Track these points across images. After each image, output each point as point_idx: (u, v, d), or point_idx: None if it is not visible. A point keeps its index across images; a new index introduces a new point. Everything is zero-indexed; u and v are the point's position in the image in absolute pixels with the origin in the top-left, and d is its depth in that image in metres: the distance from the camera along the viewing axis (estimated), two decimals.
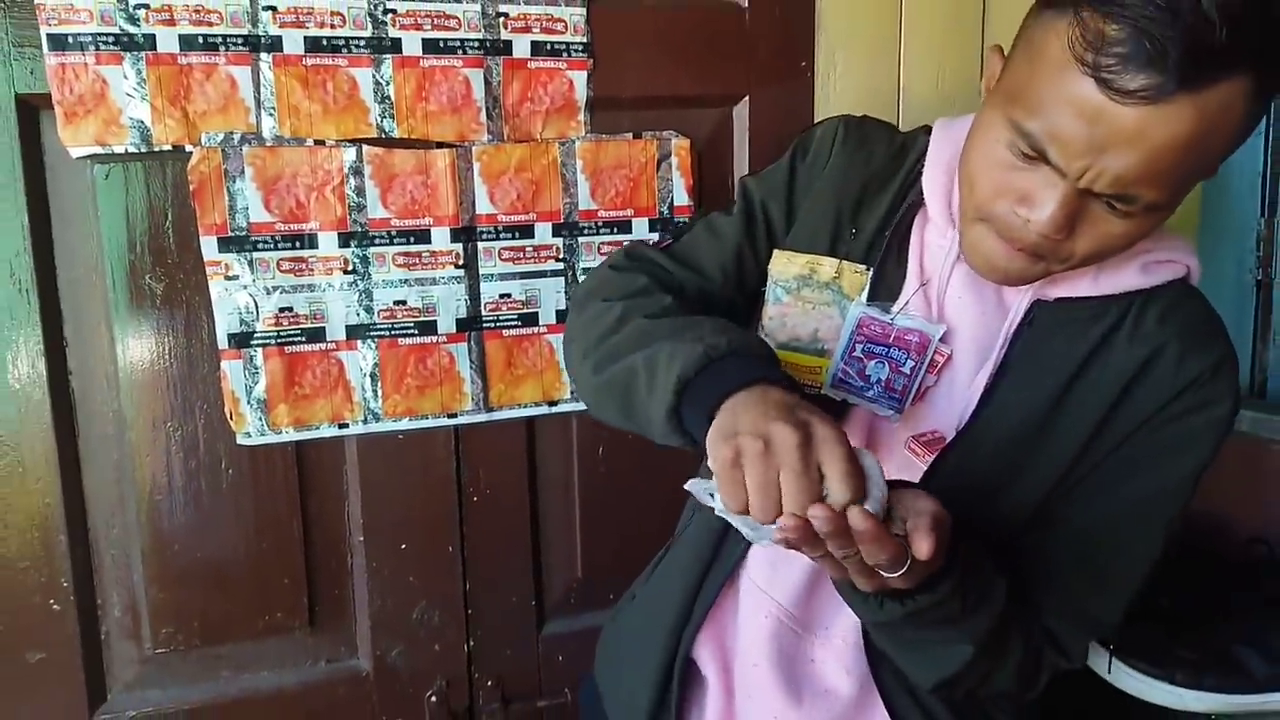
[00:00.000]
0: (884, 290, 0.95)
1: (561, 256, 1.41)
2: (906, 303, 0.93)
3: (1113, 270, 0.90)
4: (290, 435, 1.33)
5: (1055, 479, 0.91)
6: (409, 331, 1.35)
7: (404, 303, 1.34)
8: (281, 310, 1.30)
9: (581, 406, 1.46)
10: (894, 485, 0.73)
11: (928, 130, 0.99)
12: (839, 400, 0.96)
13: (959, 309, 0.93)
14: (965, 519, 0.80)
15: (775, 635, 1.00)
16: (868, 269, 0.96)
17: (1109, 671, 1.34)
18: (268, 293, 1.29)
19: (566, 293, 1.43)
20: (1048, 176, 0.77)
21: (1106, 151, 0.73)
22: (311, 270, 1.30)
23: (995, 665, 0.89)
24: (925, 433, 0.93)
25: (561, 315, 1.43)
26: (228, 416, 1.30)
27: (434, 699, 1.47)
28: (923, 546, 0.68)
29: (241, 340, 1.28)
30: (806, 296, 0.98)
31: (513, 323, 1.41)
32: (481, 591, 1.48)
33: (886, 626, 0.85)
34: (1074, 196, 0.77)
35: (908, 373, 0.92)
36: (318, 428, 1.34)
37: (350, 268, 1.31)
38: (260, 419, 1.31)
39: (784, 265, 1.00)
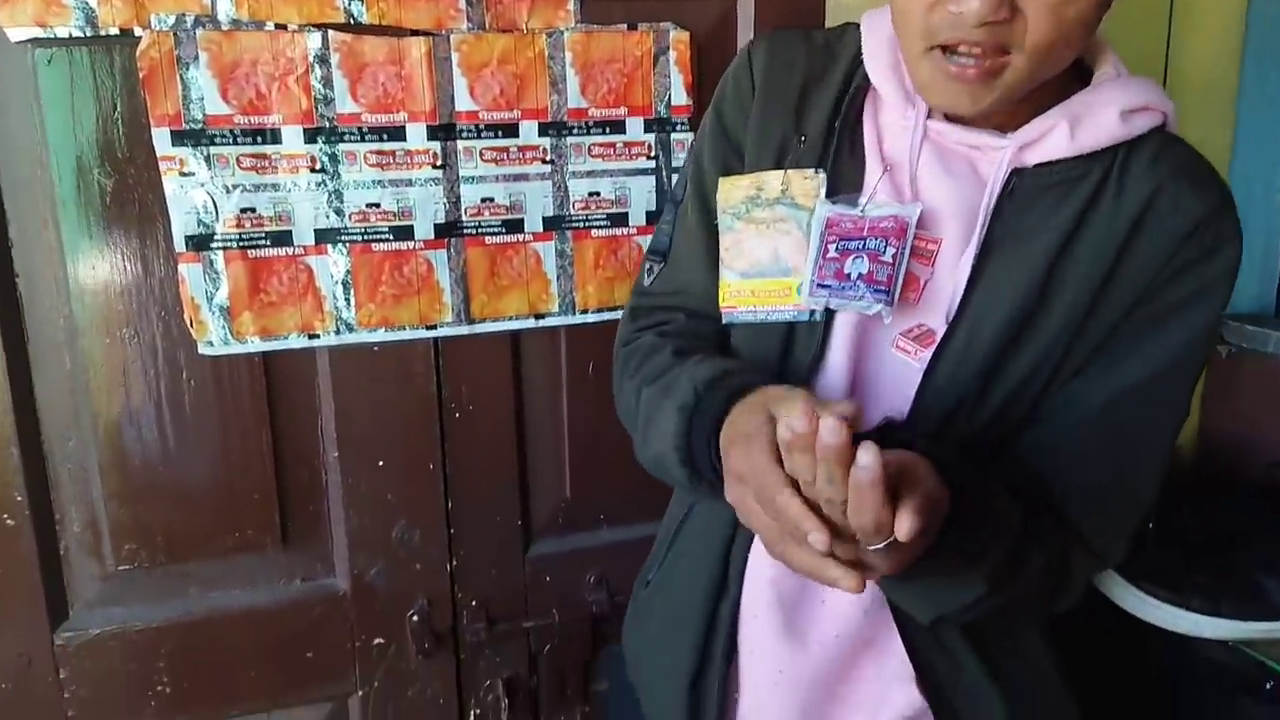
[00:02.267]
0: (844, 186, 0.90)
1: (549, 159, 1.31)
2: (874, 192, 0.87)
3: (1089, 124, 0.83)
4: (256, 345, 1.24)
5: (1059, 357, 0.85)
6: (383, 236, 1.26)
7: (377, 205, 1.24)
8: (243, 211, 1.20)
9: (570, 320, 1.38)
10: (890, 444, 0.67)
11: (856, 26, 0.93)
12: (820, 310, 0.88)
13: (934, 190, 0.87)
14: (970, 420, 0.79)
15: (774, 582, 0.94)
16: (817, 170, 0.90)
17: (1123, 600, 1.28)
18: (227, 191, 1.18)
19: (554, 197, 1.32)
20: None
21: None
22: (275, 168, 1.20)
23: (1011, 591, 0.83)
24: (913, 327, 0.87)
25: (549, 222, 1.33)
26: (188, 324, 1.21)
27: (415, 619, 1.42)
28: (904, 524, 0.62)
29: (200, 243, 1.19)
30: (757, 217, 0.92)
31: (495, 229, 1.31)
32: (465, 511, 1.42)
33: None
34: None
35: (889, 260, 0.85)
36: (286, 338, 1.25)
37: (318, 166, 1.21)
38: (223, 328, 1.22)
39: (729, 191, 0.94)
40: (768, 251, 0.92)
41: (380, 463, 1.36)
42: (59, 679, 1.28)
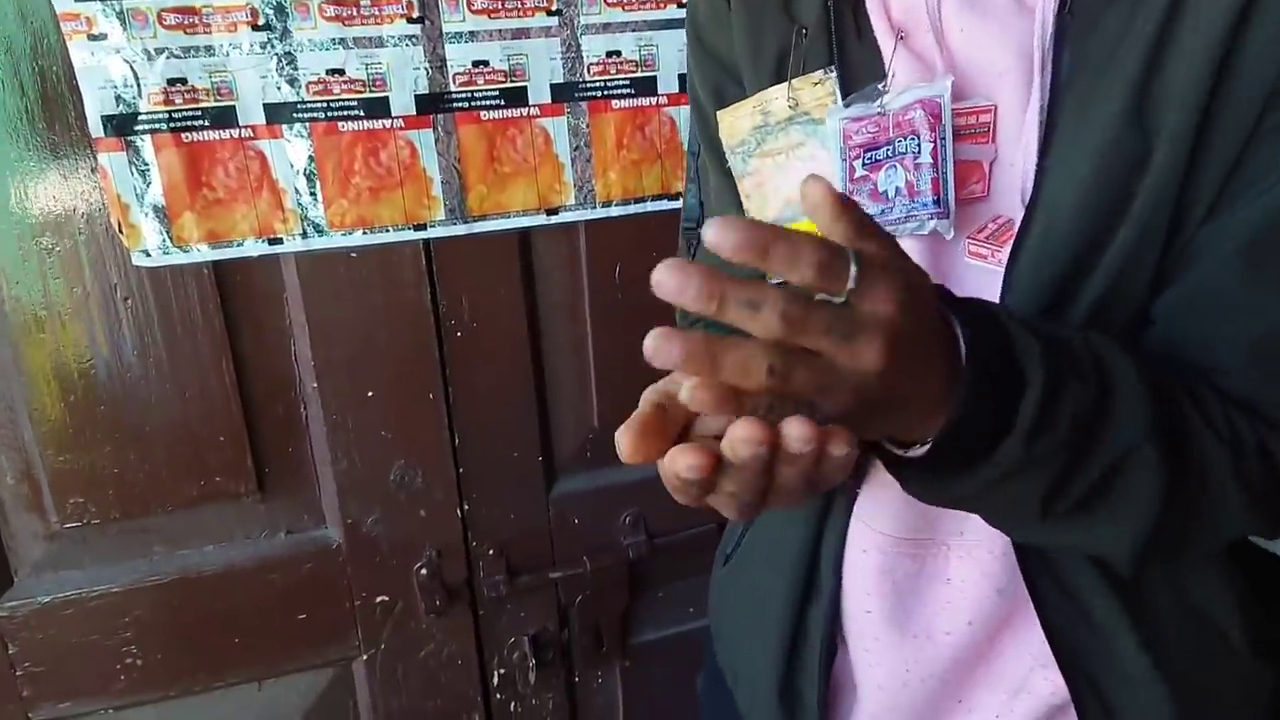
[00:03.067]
0: (860, 79, 0.71)
1: (555, 7, 1.04)
2: (891, 75, 0.69)
3: None
4: (204, 254, 1.01)
5: (1172, 208, 0.61)
6: (351, 112, 1.01)
7: (340, 72, 0.99)
8: (171, 83, 0.95)
9: (589, 214, 1.13)
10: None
11: None
12: None
13: (969, 43, 0.67)
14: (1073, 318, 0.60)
15: (885, 570, 0.73)
16: (827, 70, 0.71)
17: None
18: (149, 58, 0.94)
19: (564, 59, 1.06)
20: None
21: None
22: (208, 25, 0.94)
23: (1197, 479, 0.58)
24: (985, 224, 0.68)
25: (558, 91, 1.07)
26: (117, 229, 0.98)
27: (424, 572, 1.22)
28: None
29: (122, 125, 0.95)
30: (772, 148, 0.76)
31: (493, 100, 1.05)
32: (474, 446, 1.20)
33: (1016, 506, 0.55)
34: None
35: (929, 161, 0.67)
36: (240, 244, 1.02)
37: (261, 21, 0.95)
38: (160, 233, 0.99)
39: (731, 125, 0.77)
40: (794, 185, 0.71)
41: (369, 393, 1.13)
42: (7, 654, 1.10)
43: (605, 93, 1.08)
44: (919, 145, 0.67)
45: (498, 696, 1.32)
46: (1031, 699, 0.72)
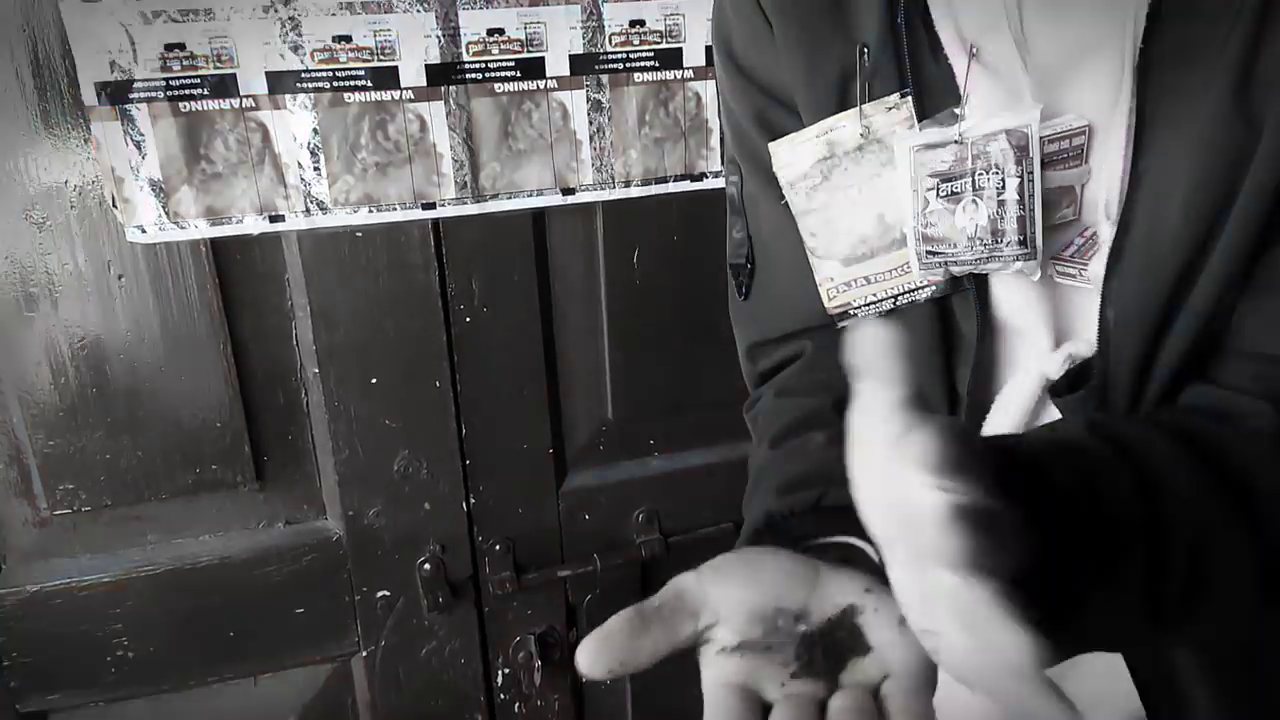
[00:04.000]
0: (937, 101, 0.64)
1: None
2: (966, 97, 0.63)
3: None
4: (201, 230, 0.96)
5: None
6: (358, 83, 0.95)
7: (347, 39, 0.94)
8: (169, 49, 0.90)
9: (608, 195, 1.07)
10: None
11: None
12: (967, 279, 0.64)
13: (1053, 46, 0.60)
14: (1177, 337, 0.56)
15: None
16: (903, 93, 0.64)
17: None
18: (146, 21, 0.89)
19: (583, 28, 1.00)
20: None
21: None
22: None
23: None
24: (1070, 241, 0.62)
25: (578, 63, 1.01)
26: (111, 203, 0.93)
27: (427, 567, 1.17)
28: None
29: (116, 93, 0.90)
30: (841, 181, 0.69)
31: (508, 71, 1.00)
32: (482, 437, 1.15)
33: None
34: None
35: (1016, 198, 0.61)
36: (239, 220, 0.97)
37: None
38: (156, 207, 0.94)
39: (788, 158, 0.69)
40: (869, 219, 0.68)
41: (373, 380, 1.08)
42: None
43: (627, 65, 1.03)
44: (1003, 181, 0.61)
45: (501, 697, 1.27)
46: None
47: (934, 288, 0.66)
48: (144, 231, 0.94)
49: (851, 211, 0.68)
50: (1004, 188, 0.62)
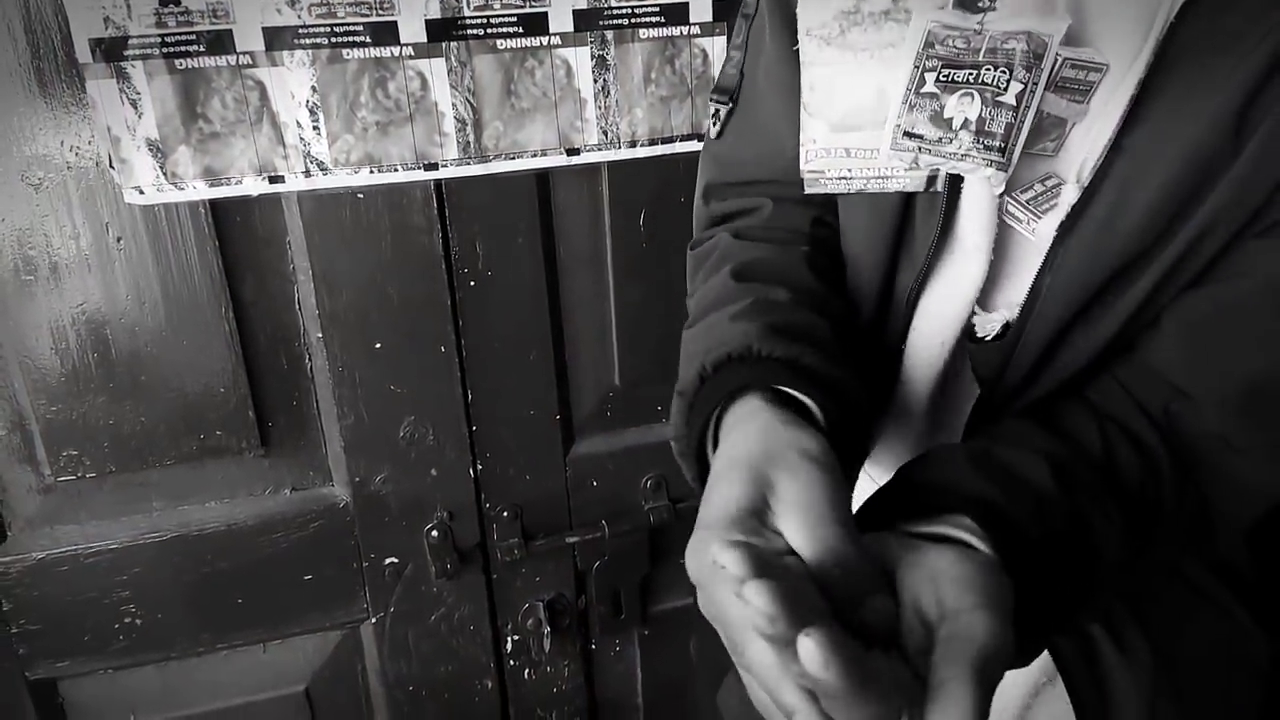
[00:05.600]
0: None
1: None
2: None
3: None
4: (200, 191, 0.94)
5: (1240, 223, 0.57)
6: (357, 39, 0.93)
7: None
8: (164, 4, 0.88)
9: (613, 155, 1.05)
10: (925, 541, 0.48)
11: None
12: (941, 178, 0.63)
13: None
14: (1099, 320, 0.59)
15: None
16: None
17: None
18: None
19: None
20: None
21: None
22: None
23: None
24: (1031, 184, 0.61)
25: (581, 18, 0.99)
26: (108, 164, 0.92)
27: (434, 534, 1.16)
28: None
29: (111, 50, 0.88)
30: (856, 41, 0.66)
31: (510, 28, 0.97)
32: (488, 403, 1.14)
33: None
34: None
35: (1012, 102, 0.59)
36: (239, 181, 0.95)
37: None
38: (154, 168, 0.92)
39: (814, 4, 0.66)
40: (870, 91, 0.64)
41: (377, 344, 1.07)
42: (1, 612, 1.05)
43: (633, 21, 1.00)
44: (1007, 82, 0.59)
45: (511, 663, 1.27)
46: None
47: (906, 179, 0.64)
48: (142, 193, 0.93)
49: (856, 76, 0.65)
50: (1005, 90, 0.60)
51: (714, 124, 0.79)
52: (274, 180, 0.96)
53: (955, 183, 0.64)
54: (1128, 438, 0.58)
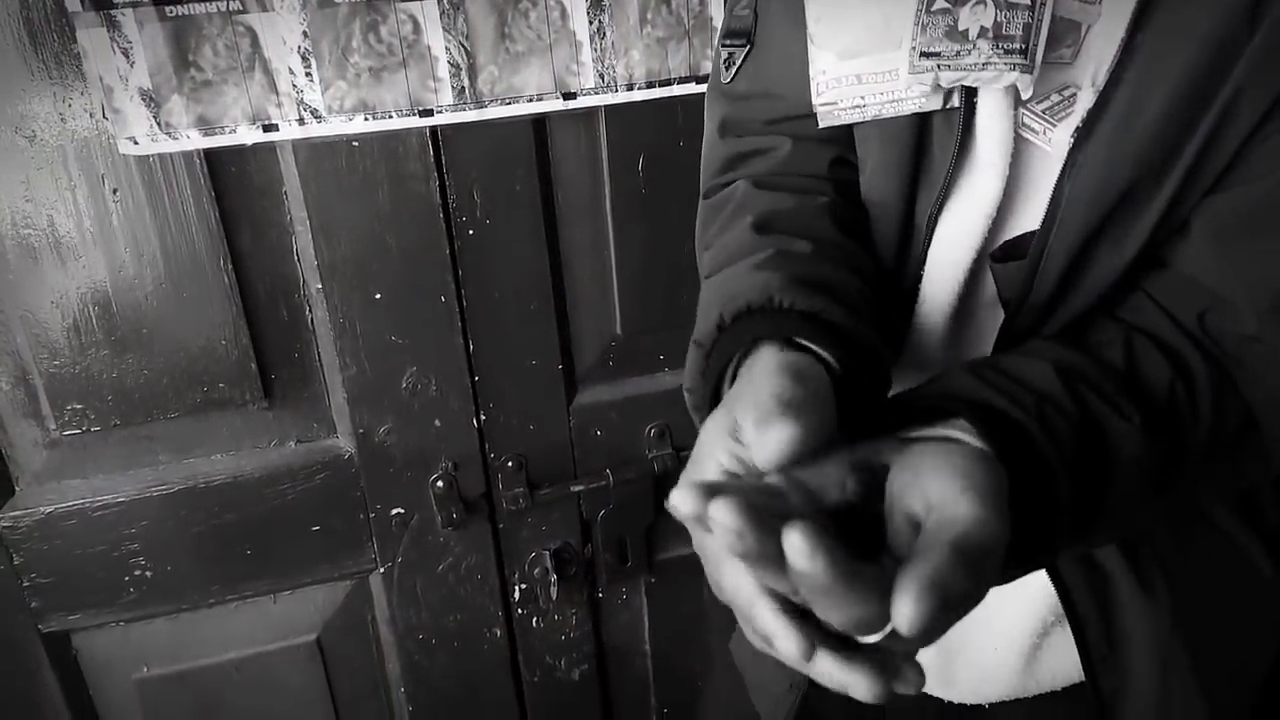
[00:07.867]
0: None
1: None
2: None
3: None
4: (194, 141, 0.94)
5: (1261, 116, 0.55)
6: None
7: None
8: None
9: (611, 99, 1.04)
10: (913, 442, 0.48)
11: None
12: (957, 94, 0.62)
13: None
14: (1125, 233, 0.58)
15: None
16: None
17: None
18: None
19: None
20: None
21: None
22: None
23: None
24: (1047, 94, 0.61)
25: None
26: (101, 114, 0.91)
27: (440, 484, 1.17)
28: (904, 613, 0.37)
29: None
30: None
31: None
32: (490, 353, 1.14)
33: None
34: None
35: (1028, 4, 0.58)
36: (233, 130, 0.94)
37: None
38: (148, 118, 0.92)
39: None
40: (877, 16, 0.63)
41: (377, 295, 1.07)
42: (12, 565, 1.06)
43: None
44: None
45: (519, 611, 1.28)
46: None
47: (921, 99, 0.63)
48: (136, 143, 0.92)
49: (860, 3, 0.64)
50: None
51: (728, 68, 0.77)
52: (268, 129, 0.95)
53: (970, 100, 0.63)
54: (1156, 345, 0.56)
